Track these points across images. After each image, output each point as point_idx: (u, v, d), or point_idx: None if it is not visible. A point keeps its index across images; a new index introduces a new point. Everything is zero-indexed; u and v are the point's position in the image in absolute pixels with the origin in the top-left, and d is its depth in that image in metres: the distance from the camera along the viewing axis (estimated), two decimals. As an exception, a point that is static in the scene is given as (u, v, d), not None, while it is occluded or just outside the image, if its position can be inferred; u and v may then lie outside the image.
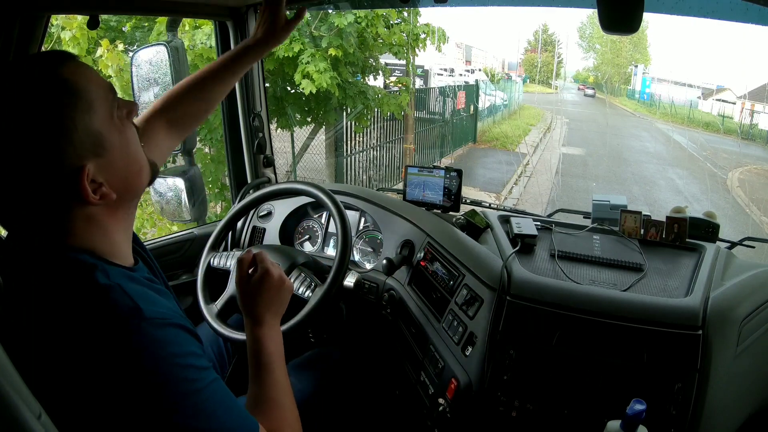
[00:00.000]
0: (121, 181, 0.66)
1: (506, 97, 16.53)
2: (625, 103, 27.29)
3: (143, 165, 0.71)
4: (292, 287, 0.90)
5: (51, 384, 0.57)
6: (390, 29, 4.79)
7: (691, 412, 0.88)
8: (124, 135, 0.67)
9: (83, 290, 0.60)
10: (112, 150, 0.64)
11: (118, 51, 3.14)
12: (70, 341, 0.58)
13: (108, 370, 0.58)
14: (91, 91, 0.63)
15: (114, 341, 0.58)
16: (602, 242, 1.26)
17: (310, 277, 1.17)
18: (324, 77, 4.17)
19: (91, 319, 0.59)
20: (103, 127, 0.63)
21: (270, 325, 0.84)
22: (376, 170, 6.64)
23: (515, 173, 8.92)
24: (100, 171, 0.63)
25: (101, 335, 0.58)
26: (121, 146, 0.66)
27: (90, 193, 0.61)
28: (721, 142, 15.28)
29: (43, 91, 0.60)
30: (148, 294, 0.65)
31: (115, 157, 0.65)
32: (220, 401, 0.64)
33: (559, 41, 39.96)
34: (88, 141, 0.62)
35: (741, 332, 0.95)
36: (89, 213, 0.64)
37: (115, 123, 0.66)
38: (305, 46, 4.17)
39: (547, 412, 0.95)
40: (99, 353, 0.58)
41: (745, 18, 1.07)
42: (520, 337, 0.99)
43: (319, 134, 5.61)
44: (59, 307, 0.60)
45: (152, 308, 0.61)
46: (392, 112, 5.37)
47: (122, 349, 0.58)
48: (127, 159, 0.67)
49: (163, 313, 0.62)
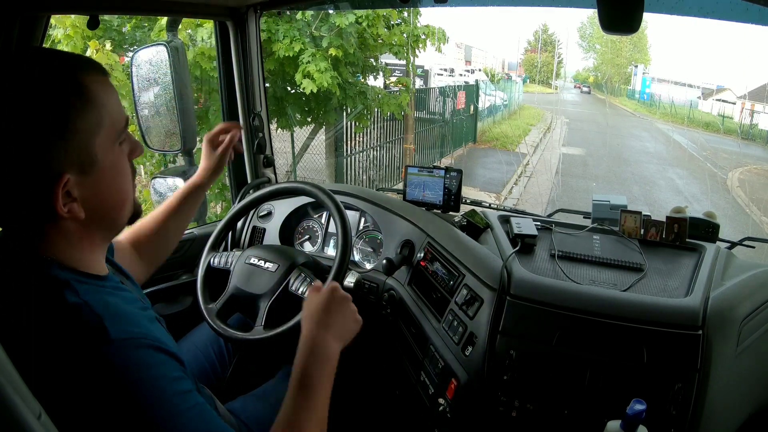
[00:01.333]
0: (99, 206, 0.65)
1: (506, 97, 16.54)
2: (625, 103, 27.30)
3: (127, 200, 0.69)
4: (360, 322, 0.87)
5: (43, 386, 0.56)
6: (390, 30, 4.79)
7: (691, 412, 0.88)
8: (117, 165, 0.66)
9: (52, 307, 0.59)
10: (101, 174, 0.63)
11: (107, 51, 3.14)
12: (43, 354, 0.57)
13: (80, 388, 0.57)
14: (104, 109, 0.62)
15: (83, 363, 0.57)
16: (602, 242, 1.26)
17: (310, 277, 1.17)
18: (325, 77, 4.17)
19: (61, 338, 0.58)
20: (100, 149, 0.62)
21: (332, 349, 0.80)
22: (376, 170, 6.64)
23: (515, 173, 8.92)
24: (79, 187, 0.61)
25: (71, 355, 0.57)
26: (110, 174, 0.65)
27: (60, 202, 0.59)
28: (721, 142, 15.29)
29: (54, 86, 0.59)
30: (119, 308, 0.62)
31: (100, 181, 0.63)
32: (201, 426, 0.61)
33: (559, 41, 39.94)
34: (81, 154, 0.61)
35: (741, 332, 0.95)
36: (62, 227, 0.63)
37: (115, 151, 0.65)
38: (306, 46, 4.17)
39: (547, 412, 0.95)
40: (70, 371, 0.57)
41: (745, 18, 1.07)
42: (520, 337, 0.99)
43: (319, 134, 5.61)
44: (30, 320, 0.59)
45: (120, 328, 0.59)
46: (392, 112, 5.37)
47: (91, 372, 0.57)
48: (111, 188, 0.66)
49: (132, 333, 0.60)
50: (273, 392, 1.13)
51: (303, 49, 4.15)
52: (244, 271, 1.20)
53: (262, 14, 1.57)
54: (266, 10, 1.58)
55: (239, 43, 1.56)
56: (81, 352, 0.57)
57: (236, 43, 1.56)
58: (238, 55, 1.57)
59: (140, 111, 1.43)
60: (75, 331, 0.58)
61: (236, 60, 1.58)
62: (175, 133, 1.43)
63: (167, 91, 1.42)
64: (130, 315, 0.63)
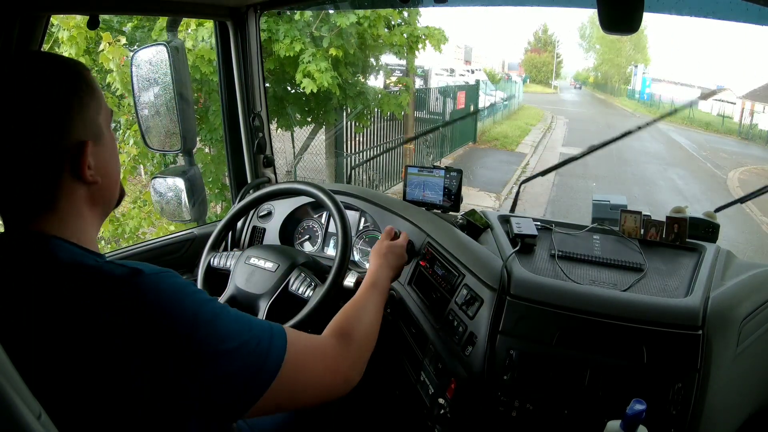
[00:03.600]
0: (105, 177, 0.70)
1: (506, 97, 16.54)
2: (625, 103, 27.34)
3: (119, 178, 0.75)
4: (405, 258, 1.17)
5: (52, 382, 0.56)
6: (391, 30, 4.79)
7: (691, 412, 0.88)
8: (114, 144, 0.73)
9: (76, 271, 0.61)
10: (105, 145, 0.70)
11: (119, 45, 3.12)
12: (76, 327, 0.57)
13: (120, 331, 0.57)
14: (100, 95, 0.70)
15: (121, 300, 0.58)
16: (602, 242, 1.26)
17: (310, 277, 1.17)
18: (325, 76, 4.19)
19: (95, 291, 0.59)
20: (103, 123, 0.70)
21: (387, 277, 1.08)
22: (375, 170, 6.64)
23: (515, 173, 8.93)
24: (93, 156, 0.67)
25: (108, 300, 0.58)
26: (111, 148, 0.72)
27: (87, 168, 0.65)
28: (721, 142, 15.31)
29: (63, 74, 0.66)
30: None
31: (104, 152, 0.70)
32: (237, 320, 0.67)
33: (558, 41, 39.93)
34: (93, 125, 0.68)
35: (741, 332, 0.95)
36: (75, 196, 0.67)
37: (111, 131, 0.72)
38: (306, 46, 4.18)
39: (547, 412, 0.95)
40: (109, 318, 0.57)
41: (745, 18, 1.07)
42: (520, 337, 0.99)
43: (319, 134, 5.61)
44: (55, 295, 0.59)
45: (148, 267, 0.63)
46: (392, 111, 5.40)
47: (132, 304, 0.59)
48: (112, 161, 0.72)
49: (158, 268, 0.64)
50: None
51: (303, 48, 4.16)
52: (244, 271, 1.20)
53: (262, 14, 1.58)
54: (266, 10, 1.58)
55: (239, 43, 1.56)
56: (120, 292, 0.59)
57: (236, 43, 1.56)
58: (238, 55, 1.57)
59: (140, 111, 1.43)
60: (107, 278, 0.60)
61: (236, 60, 1.58)
62: (175, 133, 1.43)
63: (167, 91, 1.42)
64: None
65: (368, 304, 0.95)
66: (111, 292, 0.59)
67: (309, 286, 1.14)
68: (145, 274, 0.61)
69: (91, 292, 0.59)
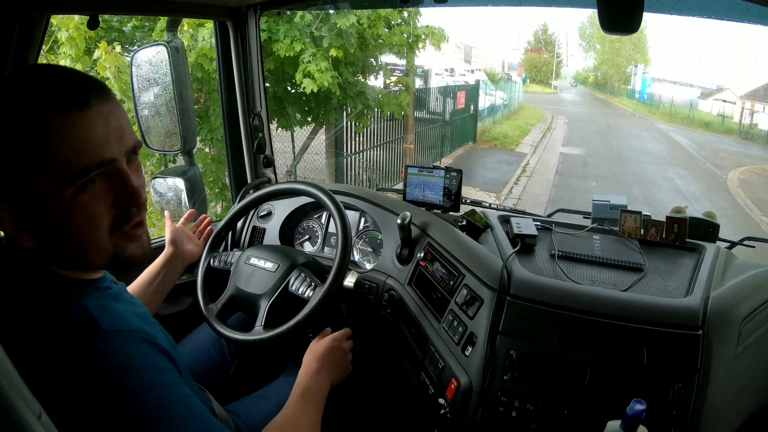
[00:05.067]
0: (55, 243, 0.63)
1: (506, 97, 16.51)
2: (625, 102, 27.34)
3: (90, 248, 0.64)
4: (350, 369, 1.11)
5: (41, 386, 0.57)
6: (391, 30, 4.79)
7: (691, 412, 0.88)
8: (67, 211, 0.61)
9: (43, 307, 0.62)
10: (46, 214, 0.61)
11: (116, 53, 3.12)
12: (37, 354, 0.59)
13: (77, 378, 0.59)
14: (53, 152, 0.58)
15: (77, 352, 0.59)
16: (602, 242, 1.26)
17: (310, 277, 1.17)
18: (325, 76, 4.19)
19: (52, 335, 0.60)
20: (45, 190, 0.59)
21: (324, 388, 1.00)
22: (376, 170, 6.62)
23: (515, 173, 8.92)
24: (22, 220, 0.61)
25: (63, 350, 0.59)
26: (57, 217, 0.61)
27: (5, 225, 0.62)
28: (720, 141, 15.30)
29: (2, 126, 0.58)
30: (109, 306, 0.65)
31: (46, 221, 0.61)
32: (190, 418, 0.63)
33: (558, 42, 39.92)
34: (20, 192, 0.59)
35: (741, 332, 0.95)
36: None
37: (65, 195, 0.59)
38: (306, 46, 4.18)
39: (547, 412, 0.95)
40: (63, 367, 0.59)
41: (745, 18, 1.07)
42: (520, 337, 0.99)
43: (319, 134, 5.60)
44: (27, 321, 0.61)
45: (110, 322, 0.61)
46: (393, 111, 5.38)
47: (86, 361, 0.59)
48: (62, 232, 0.62)
49: (122, 326, 0.62)
50: (275, 393, 1.13)
51: (304, 49, 4.16)
52: (244, 271, 1.20)
53: (262, 14, 1.57)
54: (266, 10, 1.58)
55: (239, 43, 1.56)
56: (72, 344, 0.59)
57: (236, 43, 1.56)
58: (238, 55, 1.57)
59: (140, 111, 1.43)
60: (68, 327, 0.60)
61: (236, 60, 1.57)
62: (175, 133, 1.43)
63: (167, 91, 1.42)
64: (122, 312, 0.66)
65: (302, 424, 0.87)
66: (68, 338, 0.60)
67: (309, 286, 1.14)
68: (102, 331, 0.60)
69: (53, 329, 0.60)
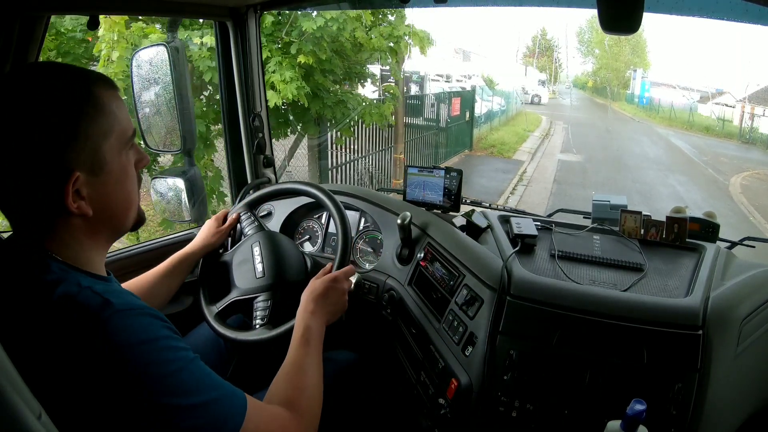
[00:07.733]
0: (106, 206, 0.69)
1: (504, 103, 16.44)
2: (624, 107, 27.38)
3: (132, 205, 0.74)
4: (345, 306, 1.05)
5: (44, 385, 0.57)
6: (368, 32, 4.39)
7: (692, 412, 0.88)
8: (124, 171, 0.71)
9: (55, 298, 0.62)
10: (108, 176, 0.68)
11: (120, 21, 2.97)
12: (48, 344, 0.60)
13: (88, 364, 0.60)
14: (114, 118, 0.68)
15: (89, 335, 0.60)
16: (602, 242, 1.26)
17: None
18: (290, 87, 3.79)
19: (65, 320, 0.61)
20: (108, 153, 0.68)
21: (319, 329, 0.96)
22: (362, 183, 6.39)
23: (511, 182, 8.86)
24: (88, 186, 0.66)
25: (76, 332, 0.60)
26: (117, 178, 0.70)
27: (70, 198, 0.64)
28: (721, 146, 15.29)
29: (69, 94, 0.64)
30: (118, 290, 0.68)
31: (107, 183, 0.68)
32: (202, 378, 0.67)
33: (557, 46, 40.06)
34: (90, 157, 0.66)
35: (741, 332, 0.94)
36: (71, 223, 0.67)
37: (122, 157, 0.70)
38: (272, 53, 3.83)
39: (547, 412, 0.95)
40: (77, 350, 0.60)
41: (745, 18, 1.08)
42: (520, 337, 0.99)
43: (301, 147, 5.32)
44: (33, 313, 0.62)
45: (121, 300, 0.63)
46: (375, 122, 5.00)
47: (98, 341, 0.60)
48: (118, 190, 0.71)
49: (132, 303, 0.65)
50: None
51: (269, 56, 3.82)
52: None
53: (261, 14, 1.58)
54: (266, 10, 1.59)
55: (239, 43, 1.56)
56: (86, 324, 0.61)
57: (236, 43, 1.56)
58: (238, 56, 1.58)
59: (140, 111, 1.43)
60: (78, 308, 0.61)
61: (236, 60, 1.58)
62: (175, 133, 1.43)
63: (167, 91, 1.42)
64: (130, 296, 0.68)
65: (306, 367, 0.87)
66: (78, 323, 0.61)
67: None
68: (115, 309, 0.62)
69: (60, 319, 0.61)
